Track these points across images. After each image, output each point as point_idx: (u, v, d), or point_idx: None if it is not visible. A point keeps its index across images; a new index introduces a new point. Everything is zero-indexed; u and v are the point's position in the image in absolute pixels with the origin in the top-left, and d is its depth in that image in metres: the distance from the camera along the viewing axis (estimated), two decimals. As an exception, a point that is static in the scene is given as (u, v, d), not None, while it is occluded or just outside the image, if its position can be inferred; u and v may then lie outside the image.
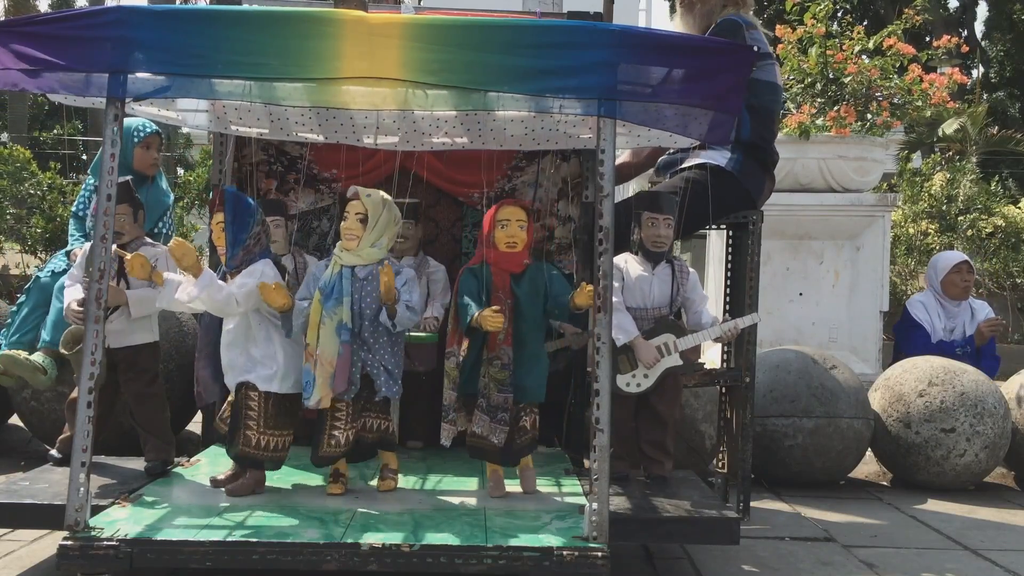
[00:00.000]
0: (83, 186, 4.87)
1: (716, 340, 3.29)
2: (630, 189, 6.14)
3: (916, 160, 12.57)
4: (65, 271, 4.32)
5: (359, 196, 2.91)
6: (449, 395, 2.95)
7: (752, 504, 3.77)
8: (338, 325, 2.86)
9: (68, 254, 4.43)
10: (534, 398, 2.99)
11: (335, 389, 2.86)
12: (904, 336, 5.39)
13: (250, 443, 2.92)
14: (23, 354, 4.01)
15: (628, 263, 3.26)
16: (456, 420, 2.96)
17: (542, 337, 3.05)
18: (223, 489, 2.96)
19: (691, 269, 3.35)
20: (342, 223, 2.93)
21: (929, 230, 8.95)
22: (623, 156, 4.36)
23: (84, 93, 2.73)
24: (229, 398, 3.06)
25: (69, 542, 2.46)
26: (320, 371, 2.84)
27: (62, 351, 3.30)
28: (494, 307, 2.85)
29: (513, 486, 3.07)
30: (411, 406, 3.66)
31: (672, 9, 4.23)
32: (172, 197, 4.81)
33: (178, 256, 2.80)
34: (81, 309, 3.05)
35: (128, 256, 2.88)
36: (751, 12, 4.05)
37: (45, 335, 4.13)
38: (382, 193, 2.97)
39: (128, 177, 3.34)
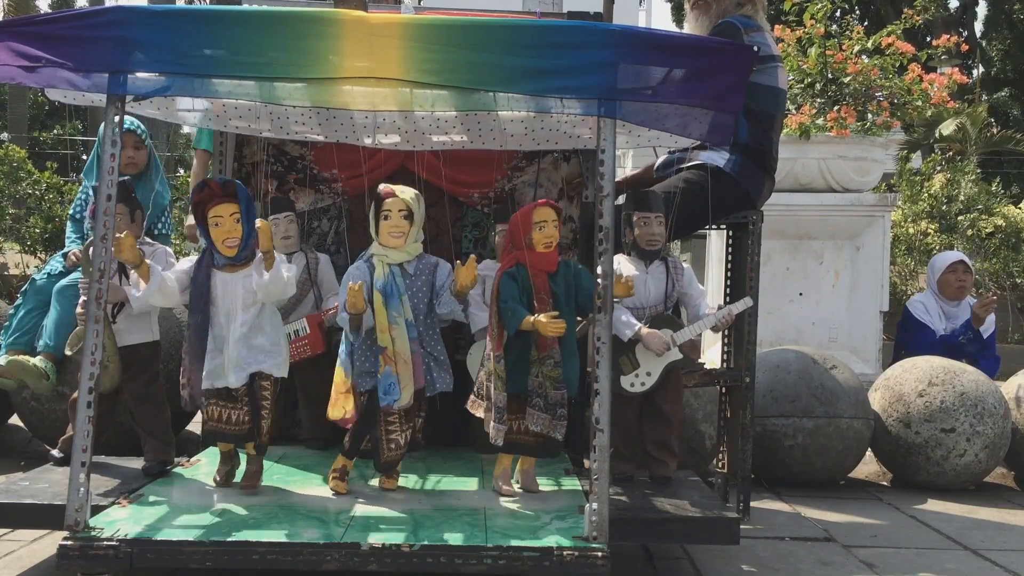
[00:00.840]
0: (79, 189, 4.87)
1: (713, 329, 3.29)
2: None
3: (916, 160, 12.58)
4: (62, 273, 4.33)
5: (396, 193, 2.94)
6: (501, 397, 2.93)
7: (752, 504, 3.77)
8: (407, 323, 2.91)
9: (65, 256, 4.43)
10: (575, 392, 3.02)
11: (417, 384, 2.92)
12: (909, 337, 5.39)
13: (264, 432, 2.98)
14: (31, 360, 4.03)
15: (621, 264, 3.26)
16: (508, 422, 2.95)
17: (575, 331, 3.08)
18: (243, 490, 2.97)
19: (685, 265, 3.36)
20: (384, 222, 2.94)
21: (929, 230, 8.96)
22: (631, 171, 4.35)
23: (82, 88, 2.72)
24: (212, 399, 3.00)
25: (69, 542, 2.46)
26: (404, 370, 2.88)
27: (68, 351, 3.30)
28: (552, 312, 2.86)
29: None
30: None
31: (674, 10, 4.22)
32: (169, 195, 4.81)
33: (265, 237, 2.82)
34: (84, 310, 3.05)
35: (120, 235, 2.84)
36: (761, 14, 4.03)
37: (47, 339, 4.13)
38: (412, 189, 3.01)
39: (126, 177, 3.34)
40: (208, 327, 2.95)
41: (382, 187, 2.97)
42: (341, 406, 2.99)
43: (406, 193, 2.96)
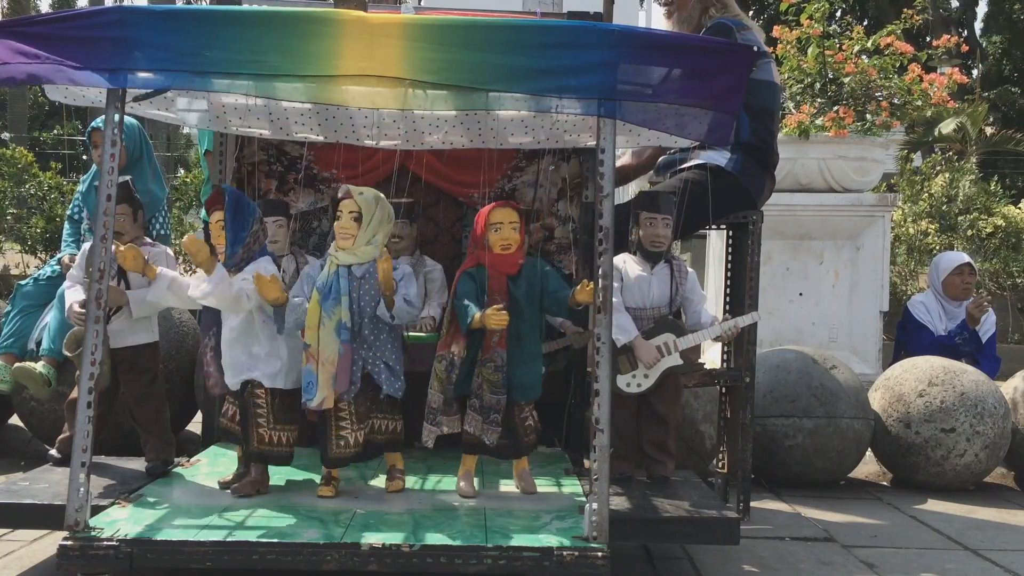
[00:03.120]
0: (77, 189, 4.86)
1: (716, 339, 3.30)
2: (630, 191, 6.14)
3: (916, 160, 12.58)
4: (51, 278, 4.31)
5: (351, 195, 2.92)
6: (436, 397, 2.95)
7: (752, 504, 3.77)
8: (337, 325, 2.86)
9: (59, 261, 4.43)
10: (533, 396, 3.01)
11: (337, 389, 2.86)
12: (908, 337, 5.40)
13: (263, 440, 2.95)
14: (37, 368, 4.03)
15: (627, 263, 3.26)
16: (441, 423, 2.97)
17: (539, 335, 3.06)
18: (229, 490, 2.96)
19: (690, 268, 3.35)
20: (336, 222, 2.94)
21: (929, 230, 8.95)
22: (624, 157, 4.36)
23: (86, 96, 2.72)
24: (228, 397, 3.05)
25: (69, 542, 2.46)
26: (322, 371, 2.84)
27: (65, 353, 3.30)
28: (497, 305, 2.85)
29: (509, 486, 3.09)
30: (416, 406, 3.65)
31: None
32: (165, 193, 4.78)
33: (193, 252, 2.79)
34: (83, 310, 3.05)
35: (121, 248, 2.86)
36: (737, 12, 4.04)
37: (49, 343, 4.12)
38: (374, 191, 2.98)
39: (128, 177, 3.34)
40: (220, 324, 2.98)
41: (342, 188, 2.96)
42: None
43: (363, 195, 2.92)
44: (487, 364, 2.92)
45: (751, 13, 5.00)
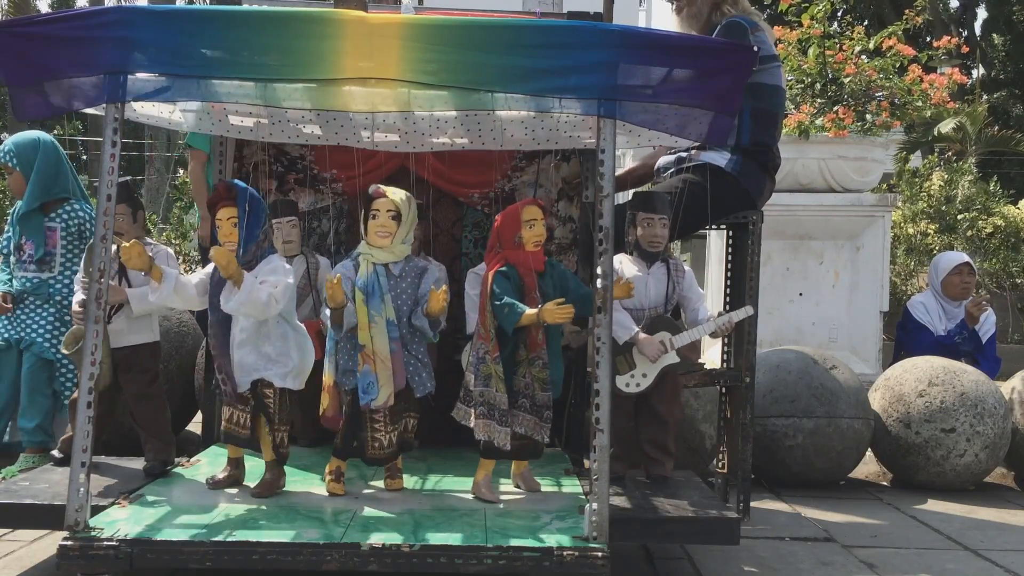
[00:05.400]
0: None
1: (712, 335, 3.29)
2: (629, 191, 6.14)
3: (915, 160, 12.58)
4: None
5: (386, 194, 2.93)
6: (503, 398, 2.85)
7: (752, 504, 3.77)
8: (387, 323, 2.90)
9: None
10: (558, 394, 3.01)
11: (397, 385, 2.90)
12: (908, 337, 5.40)
13: (275, 443, 2.95)
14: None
15: (623, 264, 3.26)
16: (498, 431, 2.88)
17: (561, 333, 3.06)
18: (250, 492, 2.95)
19: (687, 268, 3.35)
20: (371, 221, 2.94)
21: (929, 230, 8.96)
22: (630, 164, 4.36)
23: (86, 97, 2.72)
24: (229, 401, 3.01)
25: (69, 542, 2.46)
26: (382, 369, 2.88)
27: (64, 351, 3.30)
28: (558, 300, 2.83)
29: (508, 486, 3.08)
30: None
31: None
32: (90, 212, 4.29)
33: (223, 264, 2.76)
34: (83, 309, 3.05)
35: (126, 244, 2.82)
36: (750, 10, 4.03)
37: (29, 436, 3.99)
38: (403, 191, 3.00)
39: (127, 177, 3.34)
40: (229, 325, 2.94)
41: (373, 187, 2.97)
42: (321, 403, 3.00)
43: (397, 194, 2.95)
44: (535, 362, 2.90)
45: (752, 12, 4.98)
